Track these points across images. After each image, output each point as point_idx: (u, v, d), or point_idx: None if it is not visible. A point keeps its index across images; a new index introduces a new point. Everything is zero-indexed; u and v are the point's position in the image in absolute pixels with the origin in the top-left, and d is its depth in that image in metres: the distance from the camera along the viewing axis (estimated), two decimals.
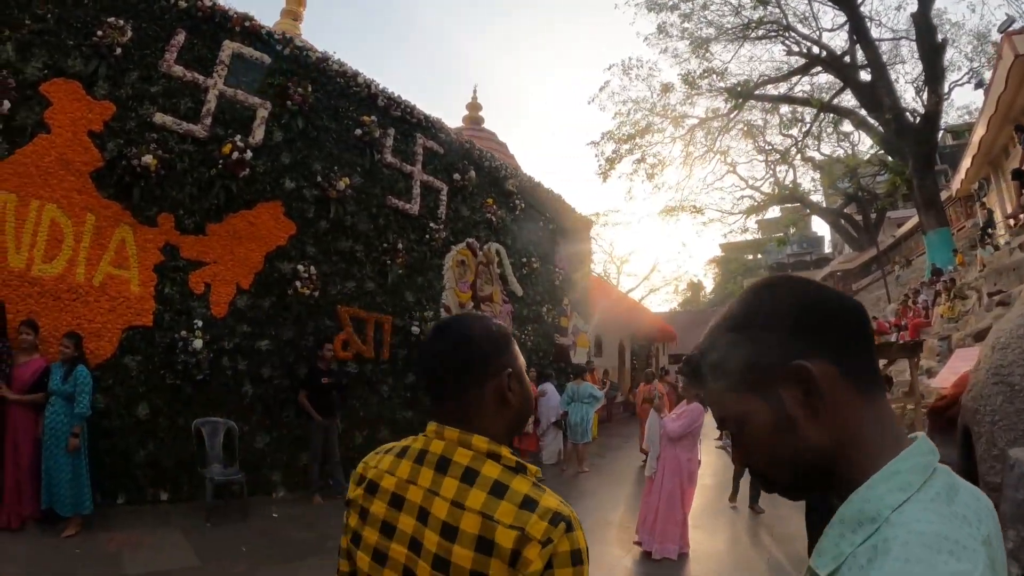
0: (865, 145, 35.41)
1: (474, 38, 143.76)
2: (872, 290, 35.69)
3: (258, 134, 8.64)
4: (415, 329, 10.62)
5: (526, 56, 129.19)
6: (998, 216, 21.78)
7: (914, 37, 27.07)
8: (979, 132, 21.52)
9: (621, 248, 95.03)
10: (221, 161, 8.03)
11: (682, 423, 6.35)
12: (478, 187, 13.01)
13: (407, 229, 10.94)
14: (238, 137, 8.24)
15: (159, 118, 7.70)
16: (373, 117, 10.23)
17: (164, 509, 7.19)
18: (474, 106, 18.61)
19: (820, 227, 67.27)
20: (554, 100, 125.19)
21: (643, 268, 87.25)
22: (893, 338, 14.84)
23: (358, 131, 10.03)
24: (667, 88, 31.09)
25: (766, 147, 36.90)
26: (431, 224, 11.39)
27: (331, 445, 8.50)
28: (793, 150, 35.08)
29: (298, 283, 8.75)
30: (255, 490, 8.00)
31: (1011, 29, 18.92)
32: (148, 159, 7.28)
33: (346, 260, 9.76)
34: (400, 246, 10.49)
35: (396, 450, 1.47)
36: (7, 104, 6.57)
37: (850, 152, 37.29)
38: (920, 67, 25.96)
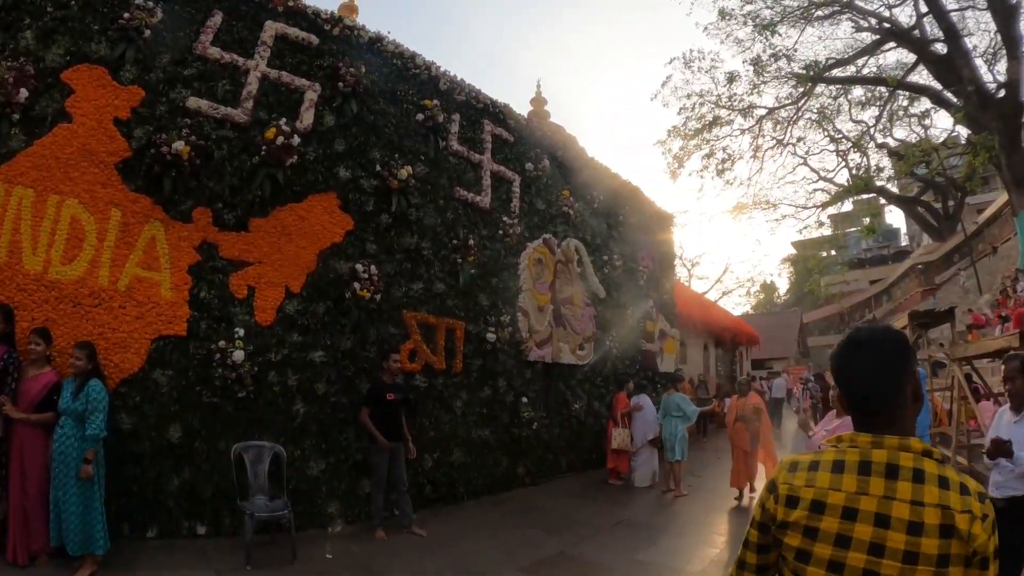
0: (938, 129, 34.17)
1: (530, 41, 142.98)
2: (957, 281, 33.90)
3: (306, 118, 7.66)
4: (491, 336, 9.44)
5: (582, 59, 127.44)
6: None
7: (981, 5, 25.80)
8: None
9: (691, 250, 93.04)
10: (264, 148, 7.01)
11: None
12: (552, 178, 11.84)
13: (478, 224, 9.80)
14: (283, 121, 7.22)
15: (193, 102, 6.84)
16: (435, 101, 9.14)
17: (200, 545, 6.21)
18: (539, 101, 17.38)
19: (895, 220, 65.46)
20: (615, 100, 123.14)
21: (714, 271, 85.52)
22: (997, 331, 13.74)
23: (420, 116, 8.96)
24: (732, 78, 29.76)
25: (837, 136, 35.10)
26: (504, 219, 10.23)
27: (398, 471, 7.26)
28: (866, 137, 33.32)
29: (357, 285, 7.63)
30: (308, 523, 6.96)
31: None
32: (180, 146, 6.36)
33: (411, 259, 8.64)
34: (471, 243, 9.33)
35: (825, 466, 1.57)
36: (25, 93, 5.88)
37: (923, 136, 35.23)
38: (988, 38, 25.21)
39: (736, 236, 65.34)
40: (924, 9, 25.70)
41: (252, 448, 6.52)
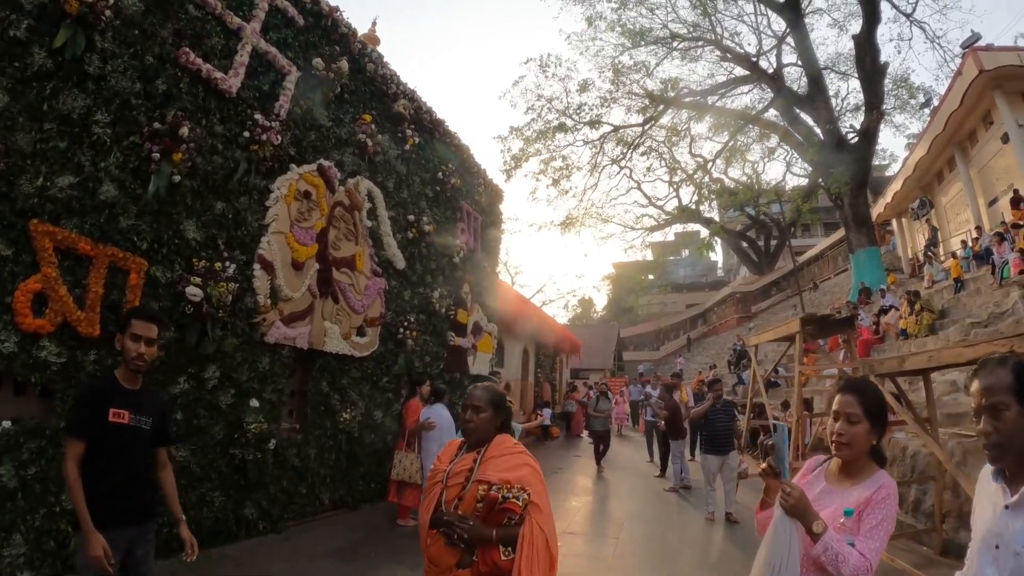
0: (769, 176, 40.28)
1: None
2: (776, 311, 36.86)
3: None
4: (193, 293, 5.71)
5: (426, 43, 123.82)
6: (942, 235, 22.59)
7: (839, 69, 30.41)
8: (918, 153, 23.15)
9: (516, 258, 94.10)
10: None
11: (881, 531, 2.19)
12: (353, 93, 8.54)
13: (211, 113, 6.20)
14: None
15: None
16: None
17: None
18: (371, 38, 13.88)
19: (713, 252, 69.14)
20: (462, 89, 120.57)
21: (536, 280, 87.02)
22: (841, 356, 13.85)
23: None
24: (586, 85, 29.86)
25: (674, 166, 37.12)
26: (258, 117, 6.67)
27: None
28: (702, 171, 34.72)
29: None
30: None
31: (976, 45, 19.06)
32: None
33: (70, 135, 4.94)
34: (186, 133, 5.67)
35: None
36: None
37: (754, 179, 39.51)
38: (835, 103, 27.35)
39: (561, 248, 68.36)
40: (785, 61, 28.23)
41: None
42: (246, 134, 6.50)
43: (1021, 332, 5.65)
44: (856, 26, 24.92)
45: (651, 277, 58.91)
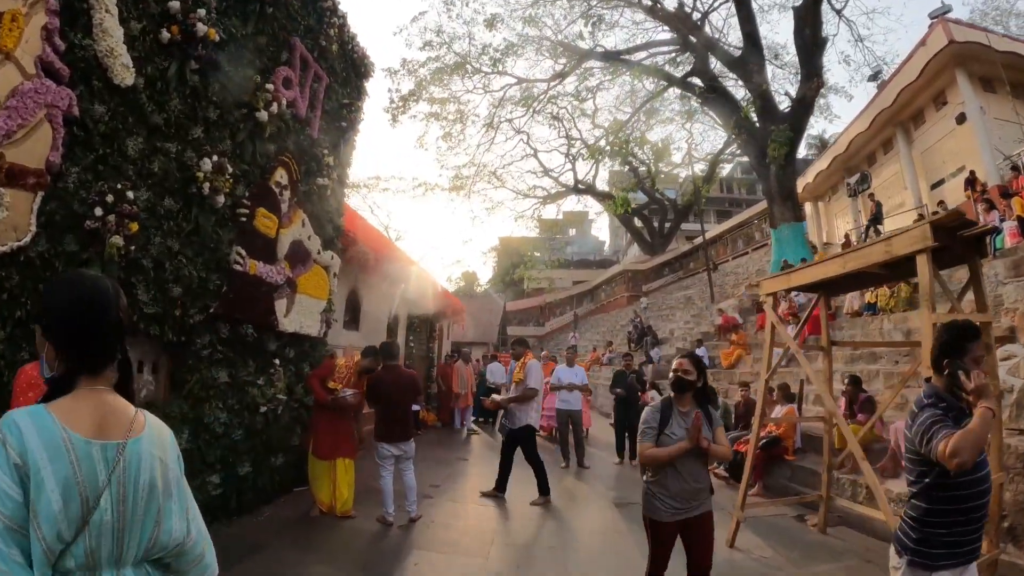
0: (671, 150, 40.57)
1: None
2: (671, 291, 37.65)
3: None
4: None
5: None
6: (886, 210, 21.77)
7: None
8: (856, 129, 23.00)
9: (399, 222, 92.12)
10: None
11: None
12: None
13: None
14: None
15: None
16: None
17: None
18: None
19: (602, 233, 74.19)
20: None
21: (419, 248, 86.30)
22: (791, 330, 10.89)
23: None
24: (493, 21, 26.78)
25: (573, 137, 36.72)
26: None
27: None
28: (605, 139, 32.47)
29: None
30: None
31: (946, 16, 18.69)
32: None
33: None
34: None
35: None
36: None
37: (654, 162, 39.94)
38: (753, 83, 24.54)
39: (448, 216, 69.57)
40: (710, 35, 26.34)
41: None
42: None
43: None
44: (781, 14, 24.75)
45: (538, 254, 57.40)
